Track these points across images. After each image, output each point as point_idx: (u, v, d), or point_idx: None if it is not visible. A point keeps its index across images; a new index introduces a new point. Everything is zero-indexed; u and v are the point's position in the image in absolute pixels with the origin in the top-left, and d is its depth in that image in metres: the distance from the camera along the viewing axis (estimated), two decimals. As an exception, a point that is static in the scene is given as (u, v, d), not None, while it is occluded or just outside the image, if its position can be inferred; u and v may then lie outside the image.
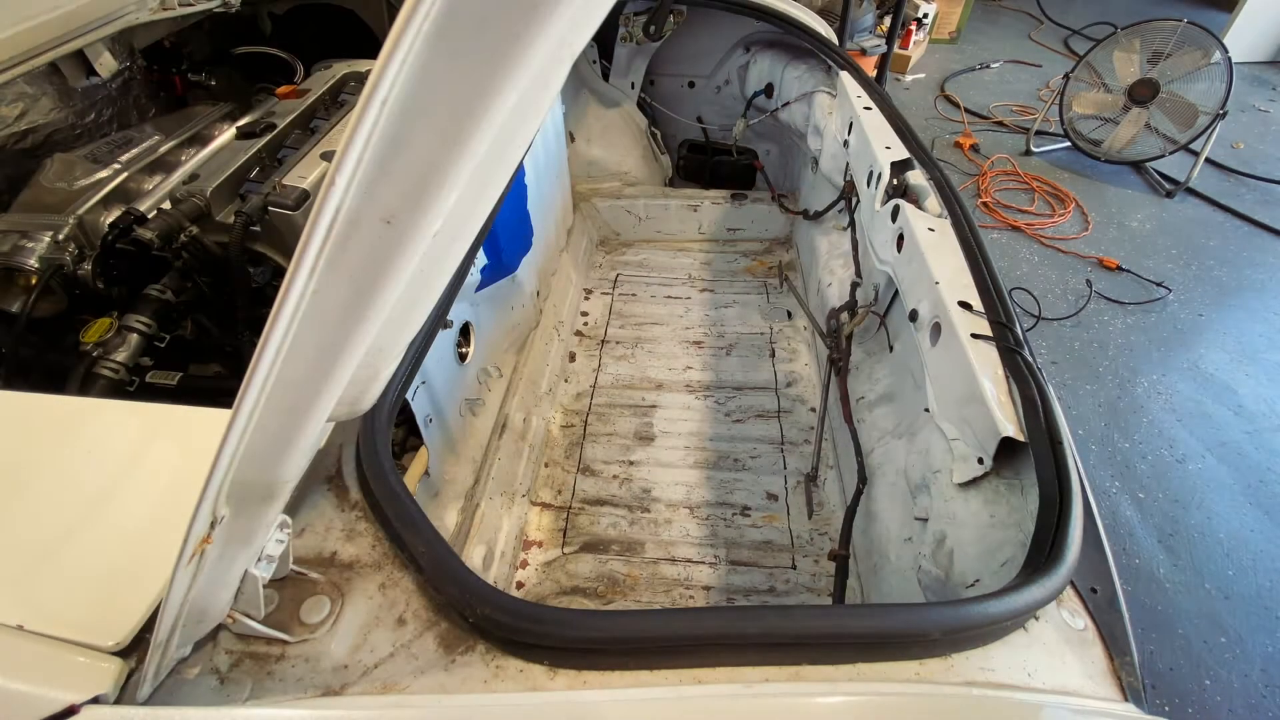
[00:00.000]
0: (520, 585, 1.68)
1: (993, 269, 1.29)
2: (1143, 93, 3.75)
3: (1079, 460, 0.96)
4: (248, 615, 0.72)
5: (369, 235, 0.45)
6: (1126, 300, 3.17)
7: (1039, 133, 4.35)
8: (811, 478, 1.90)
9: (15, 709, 0.63)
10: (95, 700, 0.65)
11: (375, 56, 0.38)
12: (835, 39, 2.36)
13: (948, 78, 5.37)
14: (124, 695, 0.67)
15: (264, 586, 0.72)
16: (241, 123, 1.74)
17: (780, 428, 2.09)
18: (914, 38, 5.45)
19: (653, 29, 2.42)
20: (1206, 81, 3.64)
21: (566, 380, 2.26)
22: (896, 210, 1.56)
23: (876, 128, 1.83)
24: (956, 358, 1.18)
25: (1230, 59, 3.51)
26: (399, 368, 1.08)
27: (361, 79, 2.03)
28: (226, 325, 1.56)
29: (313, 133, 1.74)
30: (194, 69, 2.17)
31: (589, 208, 2.85)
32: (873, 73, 4.12)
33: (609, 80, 2.74)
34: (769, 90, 2.61)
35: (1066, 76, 4.06)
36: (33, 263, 1.34)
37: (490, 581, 1.00)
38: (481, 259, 1.64)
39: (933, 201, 1.53)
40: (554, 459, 2.00)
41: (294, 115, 1.77)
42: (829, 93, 2.28)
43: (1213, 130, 3.67)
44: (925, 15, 5.55)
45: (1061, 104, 4.12)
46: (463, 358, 1.70)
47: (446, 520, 1.53)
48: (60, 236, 1.38)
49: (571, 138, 2.76)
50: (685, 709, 0.68)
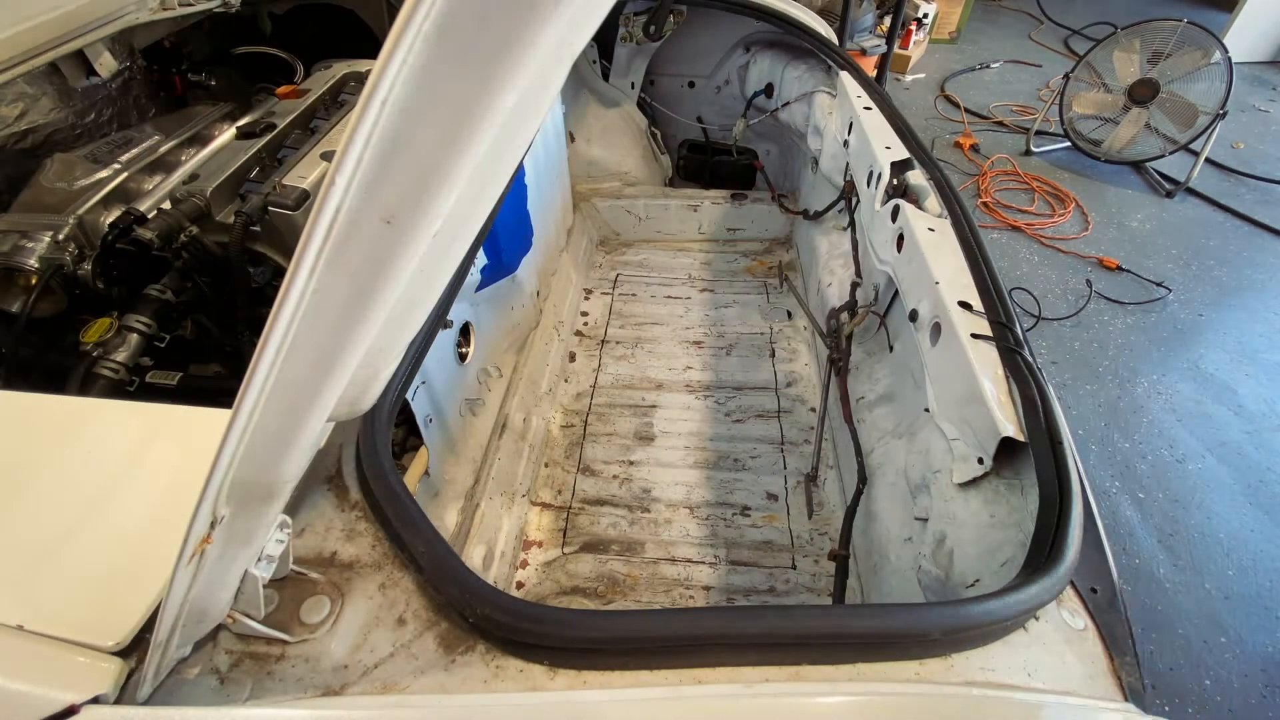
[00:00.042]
0: (520, 585, 1.68)
1: (993, 269, 1.29)
2: (1143, 93, 3.75)
3: (1079, 460, 0.96)
4: (248, 615, 0.72)
5: (369, 235, 0.45)
6: (1126, 300, 3.17)
7: (1039, 133, 4.35)
8: (811, 478, 1.90)
9: (15, 709, 0.63)
10: (95, 700, 0.65)
11: (375, 56, 0.38)
12: (835, 39, 2.36)
13: (948, 78, 5.37)
14: (124, 695, 0.67)
15: (264, 586, 0.72)
16: (241, 123, 1.74)
17: (780, 428, 2.09)
18: (914, 38, 5.45)
19: (653, 29, 2.42)
20: (1206, 81, 3.64)
21: (566, 380, 2.26)
22: (896, 210, 1.56)
23: (876, 128, 1.82)
24: (956, 358, 1.18)
25: (1230, 59, 3.51)
26: (399, 368, 1.08)
27: (361, 79, 2.03)
28: (226, 325, 1.56)
29: (313, 133, 1.74)
30: (194, 69, 2.17)
31: (589, 208, 2.85)
32: (873, 73, 4.12)
33: (609, 80, 2.74)
34: (769, 90, 2.61)
35: (1066, 76, 4.06)
36: (33, 263, 1.34)
37: (490, 581, 1.00)
38: (481, 259, 1.64)
39: (933, 201, 1.53)
40: (554, 459, 2.00)
41: (294, 115, 1.77)
42: (829, 93, 2.28)
43: (1213, 130, 3.67)
44: (925, 15, 5.55)
45: (1061, 104, 4.12)
46: (463, 358, 1.70)
47: (446, 520, 1.53)
48: (60, 236, 1.38)
49: (571, 138, 2.76)
50: (685, 709, 0.68)
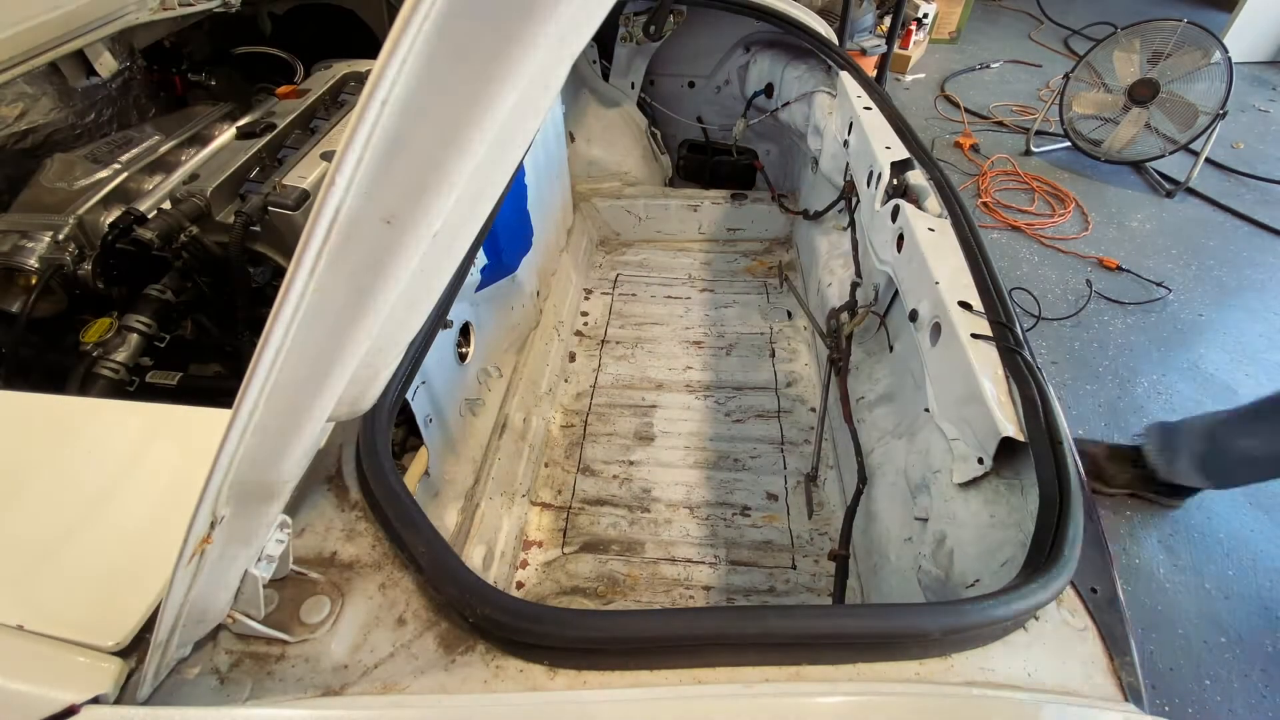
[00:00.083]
0: (520, 585, 1.68)
1: (993, 269, 1.29)
2: (1143, 93, 3.75)
3: (1079, 460, 0.96)
4: (248, 615, 0.72)
5: (369, 235, 0.45)
6: (1126, 300, 3.17)
7: (1039, 133, 4.34)
8: (811, 478, 1.90)
9: (15, 709, 0.63)
10: (95, 700, 0.65)
11: (375, 56, 0.38)
12: (835, 39, 2.36)
13: (948, 78, 5.36)
14: (124, 695, 0.67)
15: (264, 586, 0.72)
16: (241, 123, 1.73)
17: (780, 428, 2.09)
18: (914, 38, 5.44)
19: (653, 29, 2.42)
20: (1206, 81, 3.63)
21: (566, 380, 2.26)
22: (896, 210, 1.56)
23: (876, 128, 1.82)
24: (956, 358, 1.18)
25: (1230, 59, 3.51)
26: (399, 368, 1.08)
27: (361, 79, 2.03)
28: (226, 325, 1.56)
29: (313, 133, 1.74)
30: (194, 69, 2.17)
31: (589, 208, 2.85)
32: (873, 73, 4.11)
33: (609, 80, 2.74)
34: (769, 90, 2.61)
35: (1066, 76, 4.05)
36: (33, 263, 1.34)
37: (490, 581, 1.00)
38: (481, 259, 1.64)
39: (933, 201, 1.53)
40: (554, 459, 2.00)
41: (294, 115, 1.77)
42: (829, 93, 2.28)
43: (1213, 130, 3.66)
44: (925, 15, 5.54)
45: (1061, 104, 4.12)
46: (463, 358, 1.70)
47: (446, 520, 1.53)
48: (60, 236, 1.38)
49: (571, 138, 2.76)
50: (685, 709, 0.68)
